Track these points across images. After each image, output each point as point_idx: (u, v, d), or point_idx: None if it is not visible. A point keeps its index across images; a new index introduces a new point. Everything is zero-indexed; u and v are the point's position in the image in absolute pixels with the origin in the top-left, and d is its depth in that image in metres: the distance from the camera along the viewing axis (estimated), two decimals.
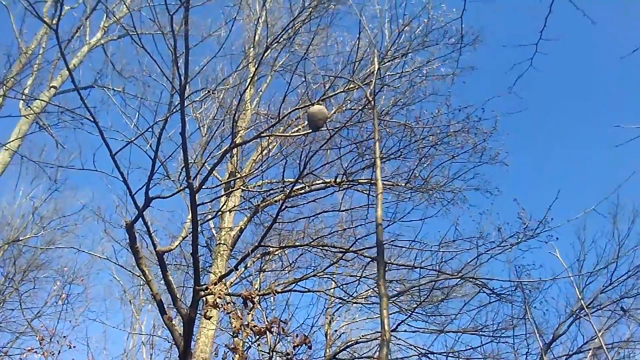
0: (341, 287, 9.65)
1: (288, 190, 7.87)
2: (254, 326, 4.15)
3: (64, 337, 10.51)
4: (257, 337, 4.18)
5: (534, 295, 8.78)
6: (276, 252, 10.26)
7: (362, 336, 12.09)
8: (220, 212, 10.07)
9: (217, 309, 4.70)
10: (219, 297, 4.56)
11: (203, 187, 6.31)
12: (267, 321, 4.38)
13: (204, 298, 7.19)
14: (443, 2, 9.31)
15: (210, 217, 9.95)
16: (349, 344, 10.78)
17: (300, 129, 9.56)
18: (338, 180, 9.16)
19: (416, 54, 9.85)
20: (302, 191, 9.91)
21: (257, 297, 4.57)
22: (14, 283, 14.18)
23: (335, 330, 15.29)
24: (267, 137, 9.37)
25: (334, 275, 10.13)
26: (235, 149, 9.71)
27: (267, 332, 4.10)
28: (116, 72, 11.23)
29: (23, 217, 16.05)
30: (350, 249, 8.20)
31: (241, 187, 10.07)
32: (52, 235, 15.65)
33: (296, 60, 10.07)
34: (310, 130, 5.82)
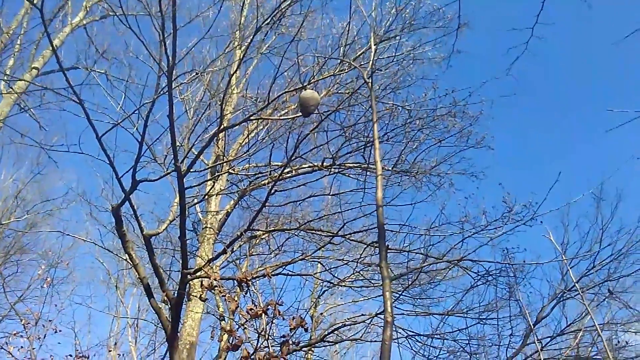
0: (329, 270, 9.68)
1: (277, 174, 7.83)
2: (250, 308, 4.14)
3: (50, 321, 10.43)
4: (252, 319, 4.17)
5: (520, 278, 8.90)
6: (263, 236, 10.26)
7: (348, 319, 12.18)
8: (207, 196, 10.02)
9: (212, 291, 4.69)
10: (215, 279, 4.54)
11: (190, 170, 6.26)
12: (259, 304, 4.39)
13: (191, 282, 7.18)
14: None
15: (196, 200, 9.89)
16: (336, 326, 10.84)
17: (288, 112, 9.51)
18: (325, 164, 9.14)
19: (405, 37, 9.84)
20: (290, 175, 9.88)
21: (251, 279, 4.56)
22: None
23: (321, 313, 15.42)
24: (255, 121, 9.30)
25: (321, 259, 10.16)
26: (222, 132, 9.64)
27: (264, 314, 4.10)
28: (99, 54, 11.04)
29: (5, 200, 15.84)
30: (338, 233, 8.22)
31: (228, 170, 10.01)
32: (35, 218, 15.48)
33: (284, 43, 9.99)
34: (300, 115, 5.77)
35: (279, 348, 4.11)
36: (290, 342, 4.19)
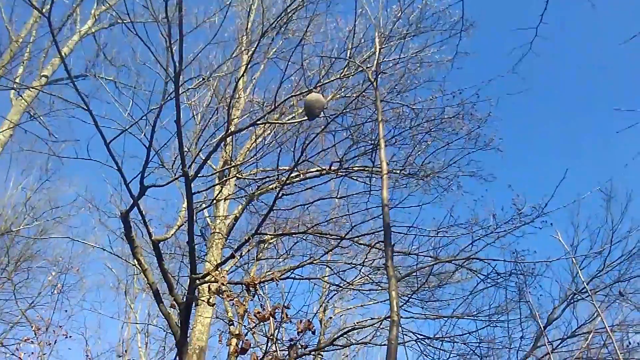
0: (337, 274, 9.66)
1: (284, 178, 7.84)
2: (258, 312, 4.14)
3: (60, 327, 10.48)
4: (260, 323, 4.17)
5: (530, 279, 8.84)
6: (271, 241, 10.27)
7: (357, 322, 12.16)
8: (215, 201, 10.04)
9: (220, 295, 4.69)
10: (223, 284, 4.54)
11: (198, 175, 6.28)
12: (267, 308, 4.39)
13: (200, 287, 7.19)
14: None
15: (204, 205, 9.92)
16: (345, 330, 10.81)
17: (295, 116, 9.52)
18: (333, 167, 9.14)
19: (412, 39, 9.83)
20: (297, 179, 9.89)
21: (259, 283, 4.56)
22: (7, 273, 14.10)
23: (330, 317, 15.40)
24: (262, 125, 9.32)
25: (329, 263, 10.15)
26: (229, 137, 9.67)
27: (271, 318, 4.10)
28: (108, 61, 11.13)
29: (15, 207, 15.94)
30: (346, 236, 8.20)
31: (236, 175, 10.04)
32: (45, 226, 15.57)
33: (290, 47, 10.02)
34: (307, 118, 5.78)
35: (287, 352, 4.12)
36: (299, 346, 4.18)
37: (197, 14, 10.32)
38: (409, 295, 9.06)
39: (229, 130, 6.54)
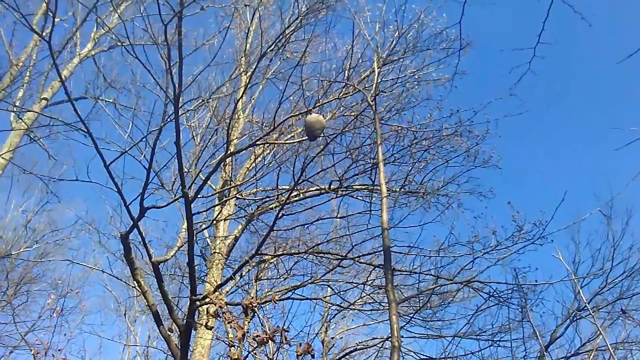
0: (338, 294, 9.60)
1: (284, 198, 7.84)
2: (257, 335, 4.11)
3: (59, 350, 10.37)
4: (259, 346, 4.13)
5: (532, 298, 8.78)
6: (272, 260, 10.22)
7: (359, 343, 12.06)
8: (215, 221, 10.03)
9: (218, 318, 4.66)
10: (220, 307, 4.51)
11: (198, 196, 6.28)
12: (266, 330, 4.35)
13: (200, 308, 7.15)
14: (439, 7, 9.39)
15: (204, 226, 9.90)
16: (347, 350, 10.72)
17: (294, 136, 9.55)
18: (333, 187, 9.15)
19: (409, 59, 9.91)
20: (297, 198, 9.88)
21: (257, 305, 4.53)
22: (7, 297, 14.03)
23: (332, 337, 15.25)
24: (262, 145, 9.35)
25: (330, 282, 10.09)
26: (229, 157, 9.69)
27: (270, 341, 4.06)
28: (107, 84, 11.20)
29: (15, 229, 15.92)
30: (347, 255, 8.17)
31: (235, 195, 10.04)
32: (45, 248, 15.54)
33: (289, 68, 10.09)
34: (307, 138, 5.80)
35: None
36: None
37: (196, 37, 10.44)
38: (411, 315, 8.99)
39: (229, 151, 6.56)
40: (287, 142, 8.87)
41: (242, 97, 9.21)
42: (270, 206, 9.72)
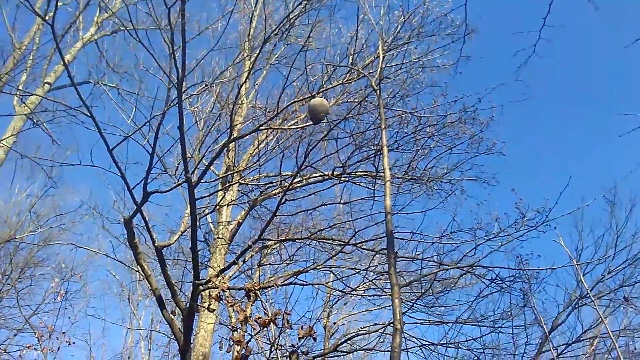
0: (341, 279, 9.63)
1: (287, 184, 7.84)
2: (259, 318, 4.13)
3: (63, 333, 10.49)
4: (261, 329, 4.15)
5: (534, 284, 8.80)
6: (275, 246, 10.25)
7: (361, 328, 12.12)
8: (218, 207, 10.04)
9: (220, 301, 4.68)
10: (223, 290, 4.53)
11: (201, 181, 6.28)
12: (269, 314, 4.37)
13: (203, 292, 7.18)
14: None
15: (207, 211, 9.92)
16: (349, 336, 10.78)
17: (298, 121, 9.52)
18: (336, 173, 9.13)
19: (414, 44, 9.84)
20: (300, 184, 9.88)
21: (259, 289, 4.54)
22: (11, 280, 14.12)
23: (334, 323, 15.34)
24: (265, 131, 9.33)
25: (333, 268, 10.12)
26: (232, 142, 9.68)
27: (272, 324, 4.08)
28: (110, 68, 11.18)
29: (19, 214, 15.97)
30: (350, 241, 8.18)
31: (239, 181, 10.04)
32: (49, 233, 15.61)
33: (293, 53, 10.03)
34: (311, 123, 5.77)
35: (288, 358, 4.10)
36: (300, 352, 4.16)
37: (199, 21, 10.39)
38: (413, 301, 9.02)
39: (232, 136, 6.55)
40: (291, 127, 8.84)
41: (245, 82, 9.17)
42: (274, 192, 9.72)
